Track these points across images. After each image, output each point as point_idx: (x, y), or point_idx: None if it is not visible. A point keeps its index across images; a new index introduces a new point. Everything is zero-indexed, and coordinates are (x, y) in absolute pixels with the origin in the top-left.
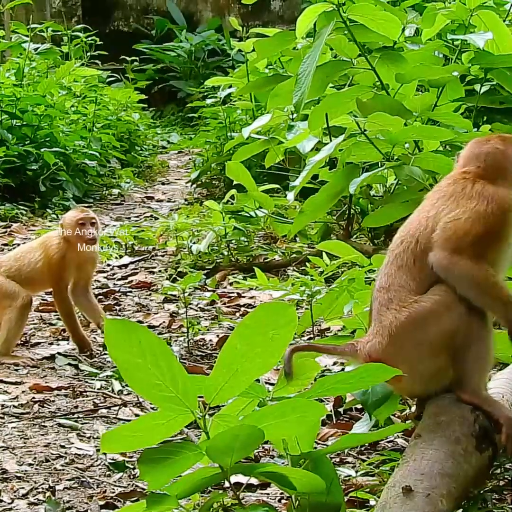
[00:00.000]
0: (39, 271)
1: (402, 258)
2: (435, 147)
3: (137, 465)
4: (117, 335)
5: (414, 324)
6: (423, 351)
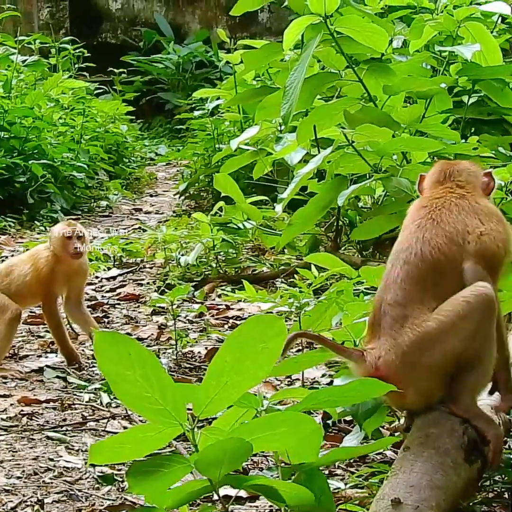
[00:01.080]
0: (28, 284)
1: (423, 271)
2: (423, 159)
3: (125, 478)
4: (106, 347)
5: (427, 344)
6: (432, 369)
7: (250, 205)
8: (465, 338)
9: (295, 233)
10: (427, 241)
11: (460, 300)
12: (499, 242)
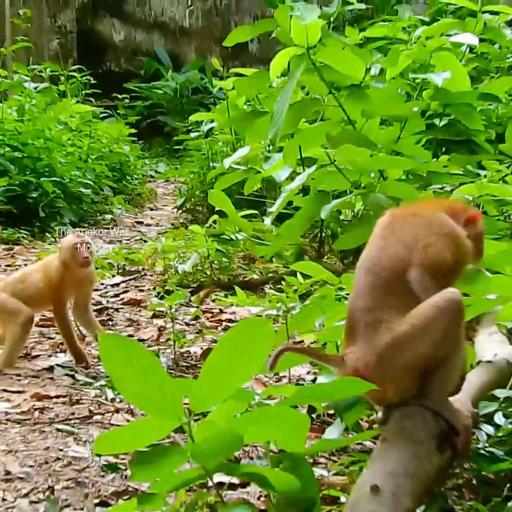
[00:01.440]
0: (40, 292)
1: (387, 279)
2: (398, 176)
3: (128, 466)
4: (111, 348)
5: (401, 345)
6: (405, 369)
7: (242, 218)
8: (435, 340)
9: (282, 243)
10: (384, 249)
11: (430, 305)
12: (446, 252)
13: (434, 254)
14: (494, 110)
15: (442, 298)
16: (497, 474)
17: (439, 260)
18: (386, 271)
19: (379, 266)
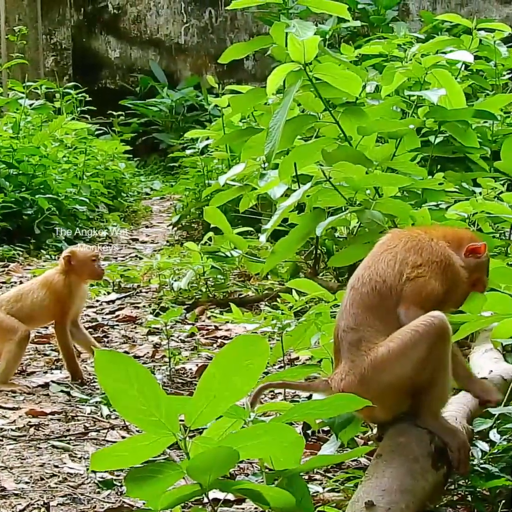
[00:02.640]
0: (45, 308)
1: (369, 297)
2: (393, 193)
3: (124, 482)
4: (106, 364)
5: (379, 366)
6: (388, 389)
7: (237, 235)
8: (415, 364)
9: (277, 260)
10: (369, 267)
11: (409, 329)
12: (433, 282)
13: (422, 286)
14: (489, 128)
15: (422, 322)
16: (492, 491)
17: (427, 291)
18: (367, 289)
19: (362, 284)
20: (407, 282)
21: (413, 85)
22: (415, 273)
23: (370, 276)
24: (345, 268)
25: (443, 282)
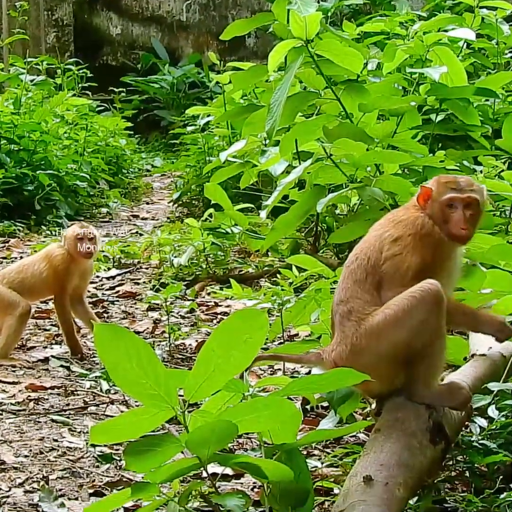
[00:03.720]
0: (44, 281)
1: (356, 273)
2: (394, 170)
3: (123, 456)
4: (106, 339)
5: (373, 334)
6: (382, 358)
7: (237, 212)
8: (411, 330)
9: (277, 237)
10: (359, 246)
11: (407, 295)
12: (409, 258)
13: (398, 266)
14: (490, 106)
15: (419, 288)
16: (490, 467)
17: (402, 270)
18: (355, 266)
19: (351, 262)
20: (386, 261)
21: (414, 63)
22: (392, 251)
23: (358, 254)
24: (345, 245)
25: (422, 253)
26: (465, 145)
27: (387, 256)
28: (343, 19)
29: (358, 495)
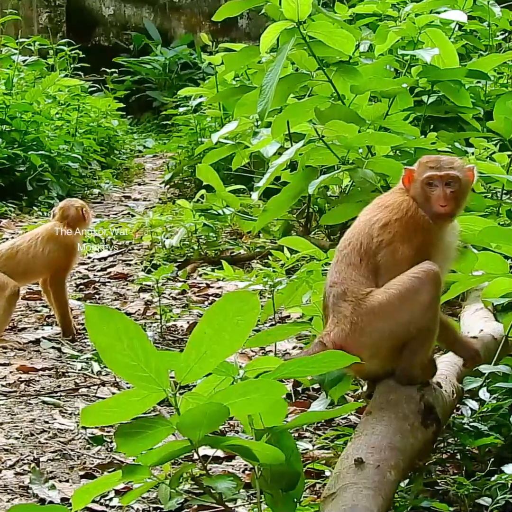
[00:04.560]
0: (47, 261)
1: (350, 257)
2: (386, 152)
3: (114, 438)
4: (97, 320)
5: (375, 313)
6: (383, 337)
7: (229, 193)
8: (415, 310)
9: (269, 218)
10: (351, 230)
11: (410, 276)
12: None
13: (392, 257)
14: (482, 88)
15: (421, 269)
16: (481, 449)
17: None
18: (348, 251)
19: (344, 246)
20: (380, 250)
21: (406, 45)
22: (384, 239)
23: (350, 238)
24: (337, 227)
25: (411, 240)
26: (456, 127)
27: (380, 244)
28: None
29: (349, 478)
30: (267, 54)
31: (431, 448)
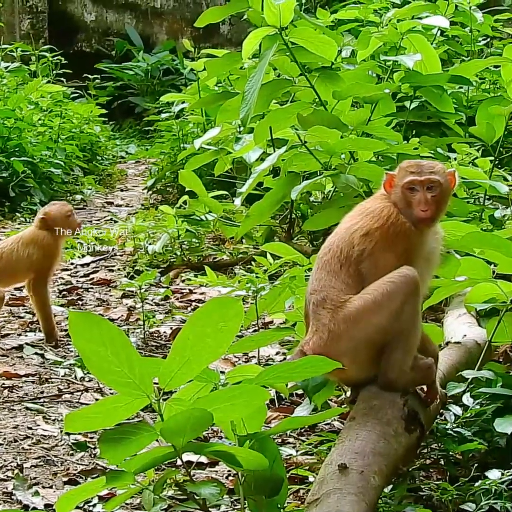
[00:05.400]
0: (30, 264)
1: (330, 264)
2: (368, 158)
3: (97, 444)
4: (81, 326)
5: (351, 319)
6: (360, 343)
7: (212, 199)
8: (390, 315)
9: (252, 224)
10: (332, 236)
11: (385, 281)
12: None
13: (375, 266)
14: (464, 93)
15: (396, 273)
16: (465, 455)
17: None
18: (328, 258)
19: (324, 253)
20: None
21: (388, 50)
22: (365, 248)
23: (330, 246)
24: (320, 232)
25: (392, 248)
26: (439, 132)
27: (362, 253)
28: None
29: (333, 483)
30: (249, 60)
31: (415, 454)
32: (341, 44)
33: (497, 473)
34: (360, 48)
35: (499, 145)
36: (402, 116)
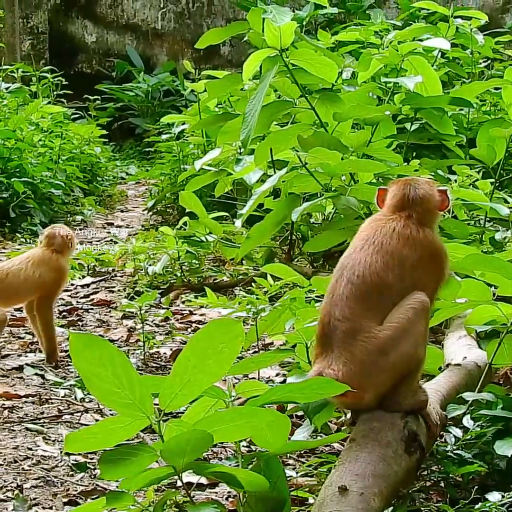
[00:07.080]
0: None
1: (367, 295)
2: (369, 179)
3: (97, 465)
4: (81, 347)
5: (386, 350)
6: (389, 374)
7: (212, 220)
8: (415, 340)
9: (252, 245)
10: (368, 265)
11: (406, 309)
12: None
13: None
14: (465, 115)
15: (415, 300)
16: (465, 477)
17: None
18: (366, 286)
19: (361, 279)
20: (403, 284)
21: (389, 72)
22: (415, 279)
23: (368, 273)
24: (320, 254)
25: (441, 273)
26: (439, 154)
27: (400, 277)
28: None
29: (333, 505)
30: (250, 82)
31: (415, 476)
32: (342, 65)
33: (497, 496)
34: (361, 69)
35: (500, 167)
36: (402, 138)
